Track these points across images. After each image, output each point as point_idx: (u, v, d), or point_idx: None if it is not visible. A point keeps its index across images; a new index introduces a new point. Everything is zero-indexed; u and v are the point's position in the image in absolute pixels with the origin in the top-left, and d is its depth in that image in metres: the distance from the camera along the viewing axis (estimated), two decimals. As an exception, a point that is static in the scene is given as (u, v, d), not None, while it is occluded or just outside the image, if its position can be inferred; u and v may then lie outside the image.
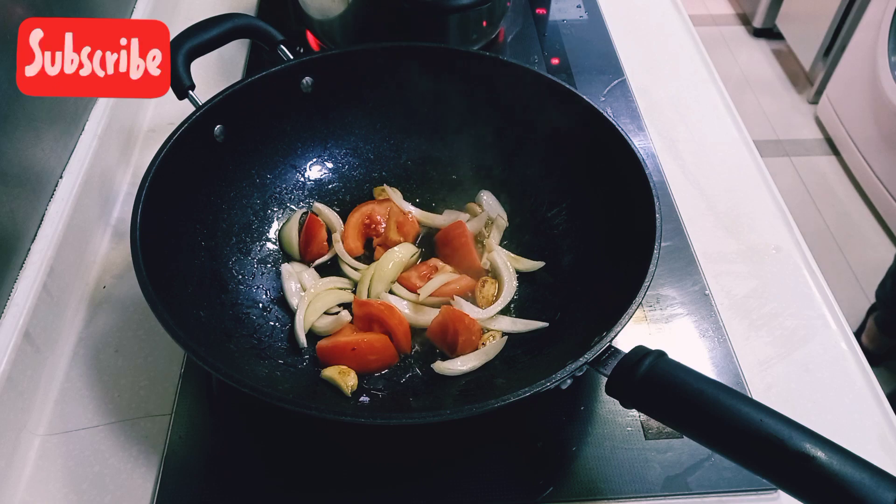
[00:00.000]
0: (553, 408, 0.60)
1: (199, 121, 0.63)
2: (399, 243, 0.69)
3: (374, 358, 0.60)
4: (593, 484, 0.56)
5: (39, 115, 0.65)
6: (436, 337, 0.62)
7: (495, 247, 0.69)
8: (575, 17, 1.04)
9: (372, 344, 0.60)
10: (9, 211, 0.60)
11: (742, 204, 0.79)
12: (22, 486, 0.56)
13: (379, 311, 0.61)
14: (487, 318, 0.63)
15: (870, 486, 0.40)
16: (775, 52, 2.65)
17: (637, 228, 0.57)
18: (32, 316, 0.59)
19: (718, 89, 0.93)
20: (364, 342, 0.60)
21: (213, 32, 0.68)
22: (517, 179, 0.73)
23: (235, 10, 0.73)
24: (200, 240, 0.64)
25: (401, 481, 0.56)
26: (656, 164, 0.82)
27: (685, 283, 0.70)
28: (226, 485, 0.55)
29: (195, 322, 0.57)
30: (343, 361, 0.60)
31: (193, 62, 0.67)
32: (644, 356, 0.48)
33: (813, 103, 2.42)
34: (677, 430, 0.48)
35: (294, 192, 0.73)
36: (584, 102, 0.66)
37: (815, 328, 0.67)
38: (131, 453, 0.57)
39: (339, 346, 0.60)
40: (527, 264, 0.68)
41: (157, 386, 0.62)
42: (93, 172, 0.71)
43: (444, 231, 0.69)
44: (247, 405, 0.60)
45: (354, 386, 0.58)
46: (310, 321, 0.63)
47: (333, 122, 0.75)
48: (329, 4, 0.85)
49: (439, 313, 0.62)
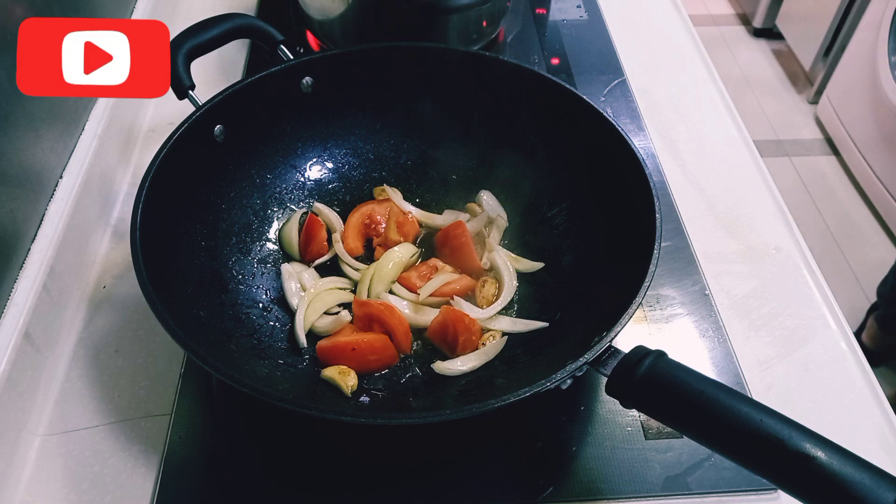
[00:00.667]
0: (553, 408, 0.60)
1: (199, 121, 0.63)
2: (399, 243, 0.69)
3: (374, 358, 0.60)
4: (593, 484, 0.56)
5: (39, 115, 0.65)
6: (436, 337, 0.62)
7: (495, 247, 0.69)
8: (575, 17, 1.05)
9: (372, 344, 0.60)
10: (9, 211, 0.60)
11: (742, 204, 0.79)
12: (22, 486, 0.56)
13: (379, 311, 0.61)
14: (487, 318, 0.63)
15: (870, 486, 0.40)
16: (775, 52, 2.65)
17: (637, 228, 0.57)
18: (32, 316, 0.59)
19: (718, 89, 0.93)
20: (364, 342, 0.60)
21: (213, 32, 0.68)
22: (517, 179, 0.73)
23: (235, 10, 0.73)
24: (200, 240, 0.64)
25: (401, 481, 0.56)
26: (656, 164, 0.82)
27: (685, 283, 0.70)
28: (226, 485, 0.55)
29: (195, 322, 0.57)
30: (343, 361, 0.60)
31: (193, 62, 0.67)
32: (644, 356, 0.48)
33: (813, 103, 2.42)
34: (677, 430, 0.48)
35: (294, 192, 0.73)
36: (584, 102, 0.66)
37: (815, 328, 0.67)
38: (131, 453, 0.57)
39: (339, 345, 0.60)
40: (527, 265, 0.68)
41: (157, 386, 0.62)
42: (93, 172, 0.71)
43: (444, 231, 0.69)
44: (247, 405, 0.60)
45: (354, 386, 0.58)
46: (310, 321, 0.63)
47: (333, 122, 0.75)
48: (329, 4, 0.85)
49: (439, 313, 0.62)
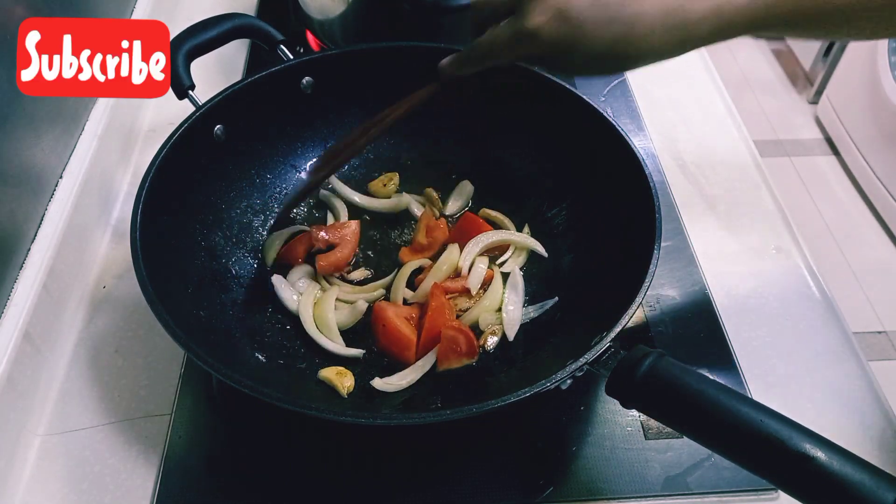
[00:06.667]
0: (553, 408, 0.60)
1: (199, 121, 0.63)
2: (425, 247, 0.69)
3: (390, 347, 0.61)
4: (593, 484, 0.56)
5: (39, 115, 0.65)
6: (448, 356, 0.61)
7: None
8: (575, 17, 1.04)
9: (399, 336, 0.60)
10: (9, 211, 0.60)
11: (742, 204, 0.79)
12: (22, 486, 0.56)
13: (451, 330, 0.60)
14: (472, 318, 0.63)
15: (870, 486, 0.40)
16: (775, 52, 2.65)
17: (637, 228, 0.57)
18: (32, 316, 0.59)
19: (718, 89, 0.93)
20: (396, 329, 0.60)
21: (213, 32, 0.68)
22: (517, 179, 0.73)
23: (235, 10, 0.73)
24: (200, 240, 0.64)
25: (401, 481, 0.56)
26: (656, 164, 0.82)
27: (685, 283, 0.70)
28: (226, 485, 0.55)
29: (195, 322, 0.57)
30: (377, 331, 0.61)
31: (193, 62, 0.67)
32: (644, 356, 0.48)
33: (813, 103, 2.42)
34: (677, 430, 0.48)
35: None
36: (584, 102, 0.66)
37: (816, 328, 0.67)
38: (131, 453, 0.57)
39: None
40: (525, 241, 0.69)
41: (157, 386, 0.61)
42: (93, 172, 0.71)
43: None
44: (247, 405, 0.60)
45: (351, 387, 0.58)
46: (330, 328, 0.62)
47: (333, 122, 0.75)
48: (329, 4, 0.85)
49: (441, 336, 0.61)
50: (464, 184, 0.75)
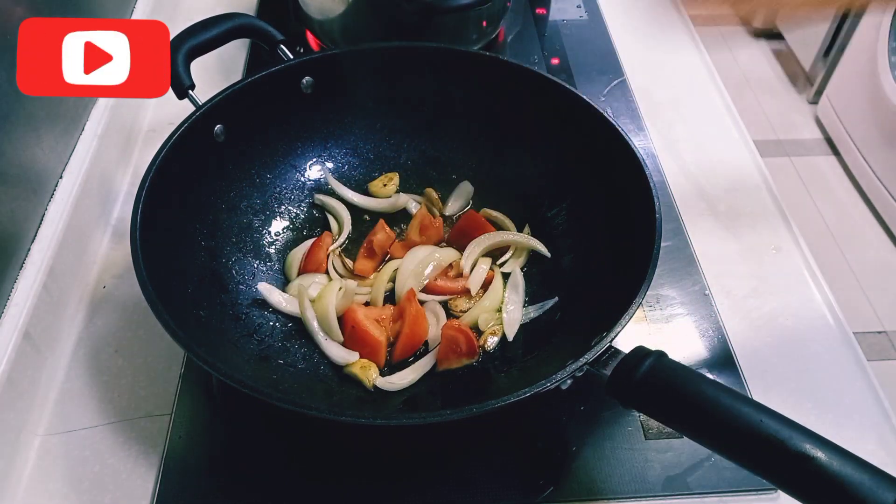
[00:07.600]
0: (553, 408, 0.60)
1: (199, 121, 0.63)
2: (418, 245, 0.68)
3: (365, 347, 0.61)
4: (593, 484, 0.56)
5: (39, 115, 0.65)
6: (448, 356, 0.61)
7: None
8: (575, 17, 1.04)
9: (366, 338, 0.60)
10: (9, 211, 0.60)
11: (742, 204, 0.79)
12: (22, 486, 0.56)
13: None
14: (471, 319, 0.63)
15: (870, 486, 0.40)
16: (775, 52, 2.65)
17: (637, 228, 0.57)
18: (32, 316, 0.59)
19: (718, 89, 0.93)
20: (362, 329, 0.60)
21: (213, 32, 0.68)
22: (517, 179, 0.73)
23: (235, 10, 0.73)
24: (200, 240, 0.64)
25: (401, 481, 0.56)
26: (656, 164, 0.82)
27: (685, 283, 0.70)
28: (226, 485, 0.55)
29: (195, 322, 0.57)
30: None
31: (193, 62, 0.67)
32: (644, 357, 0.48)
33: (813, 103, 2.41)
34: (677, 431, 0.48)
35: (294, 192, 0.73)
36: (584, 103, 0.66)
37: (816, 328, 0.67)
38: (131, 453, 0.57)
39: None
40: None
41: (157, 386, 0.62)
42: (93, 172, 0.71)
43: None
44: (247, 405, 0.60)
45: (376, 379, 0.58)
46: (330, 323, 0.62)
47: (333, 122, 0.75)
48: (329, 4, 0.85)
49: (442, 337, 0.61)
50: (464, 184, 0.75)
